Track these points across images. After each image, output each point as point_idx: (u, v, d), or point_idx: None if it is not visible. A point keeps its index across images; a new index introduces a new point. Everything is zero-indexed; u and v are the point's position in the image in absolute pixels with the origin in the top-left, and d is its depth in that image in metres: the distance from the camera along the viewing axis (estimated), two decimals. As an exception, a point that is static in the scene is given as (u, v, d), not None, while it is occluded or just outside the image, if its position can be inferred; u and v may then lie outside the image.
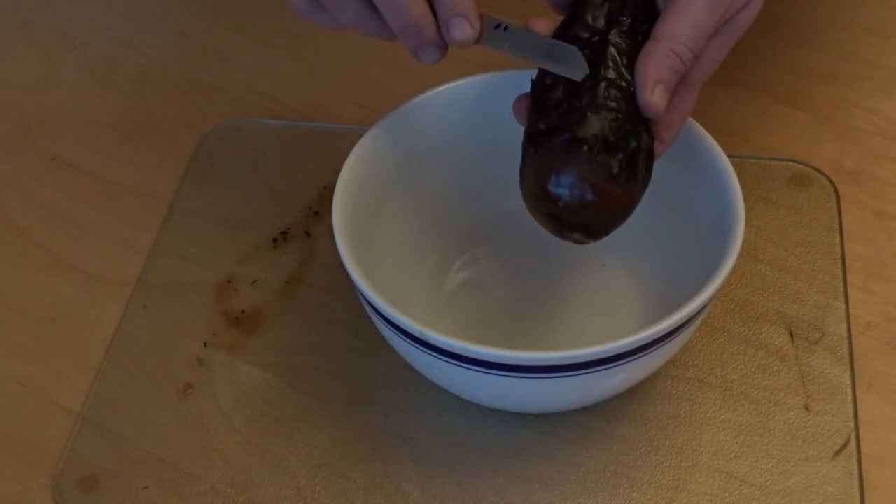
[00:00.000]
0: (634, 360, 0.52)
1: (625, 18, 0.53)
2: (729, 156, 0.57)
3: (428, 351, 0.53)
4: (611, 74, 0.51)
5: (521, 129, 0.54)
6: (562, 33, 0.53)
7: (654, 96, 0.51)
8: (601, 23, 0.53)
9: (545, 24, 0.54)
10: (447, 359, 0.52)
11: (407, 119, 0.61)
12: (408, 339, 0.53)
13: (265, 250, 0.68)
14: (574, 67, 0.52)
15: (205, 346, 0.63)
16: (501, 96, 0.59)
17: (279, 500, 0.57)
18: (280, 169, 0.72)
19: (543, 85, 0.53)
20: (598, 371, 0.52)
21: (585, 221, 0.52)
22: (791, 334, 0.62)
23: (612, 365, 0.52)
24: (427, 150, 0.62)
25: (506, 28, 0.53)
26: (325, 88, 0.77)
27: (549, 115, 0.52)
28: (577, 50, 0.52)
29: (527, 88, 0.55)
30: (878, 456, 0.57)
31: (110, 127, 0.76)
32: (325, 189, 0.70)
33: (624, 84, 0.51)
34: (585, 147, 0.50)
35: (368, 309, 0.56)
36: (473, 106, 0.62)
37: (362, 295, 0.54)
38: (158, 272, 0.67)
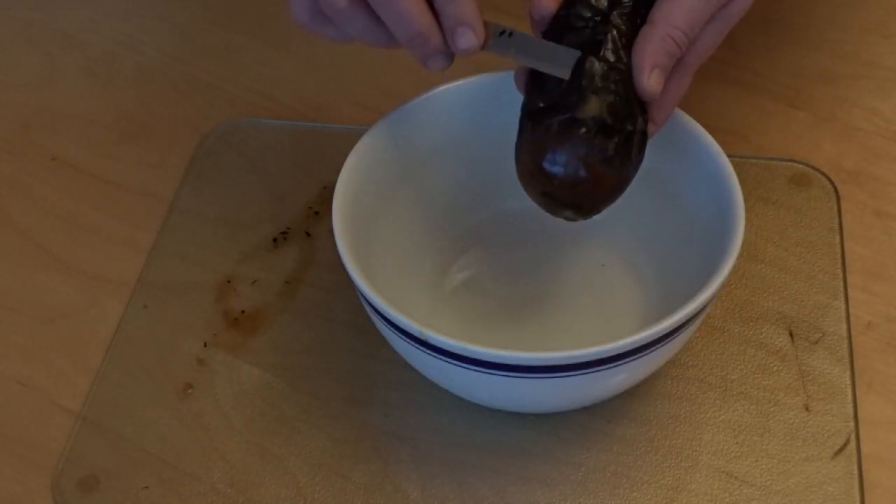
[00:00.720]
0: (634, 360, 0.52)
1: (626, 1, 0.53)
2: (729, 156, 0.57)
3: (428, 351, 0.53)
4: (610, 56, 0.52)
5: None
6: (565, 11, 0.54)
7: (650, 80, 0.52)
8: (604, 3, 0.53)
9: (551, 0, 0.54)
10: (447, 359, 0.52)
11: (407, 119, 0.61)
12: (408, 339, 0.53)
13: (265, 250, 0.68)
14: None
15: (205, 346, 0.63)
16: (502, 96, 0.59)
17: (279, 500, 0.57)
18: (280, 169, 0.72)
19: None
20: (598, 371, 0.52)
21: (578, 200, 0.53)
22: (791, 334, 0.62)
23: (612, 365, 0.52)
24: (427, 150, 0.62)
25: (510, 34, 0.54)
26: (325, 88, 0.77)
27: (549, 93, 0.52)
28: (579, 54, 0.52)
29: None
30: (878, 456, 0.57)
31: (110, 127, 0.76)
32: (325, 189, 0.70)
33: (622, 66, 0.52)
34: (584, 129, 0.51)
35: (368, 309, 0.56)
36: (474, 106, 0.62)
37: (362, 295, 0.54)
38: (158, 272, 0.67)
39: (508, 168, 0.55)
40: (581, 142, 0.51)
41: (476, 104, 0.62)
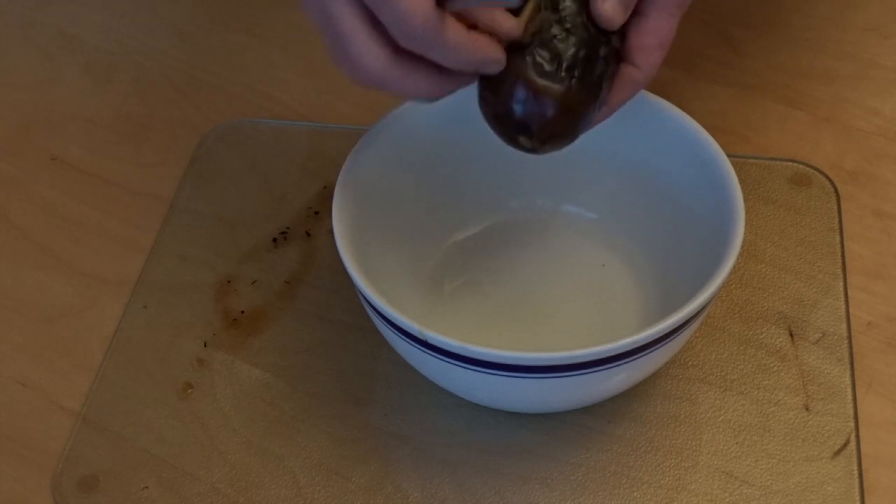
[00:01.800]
0: (634, 360, 0.52)
1: None
2: (729, 156, 0.57)
3: (428, 351, 0.53)
4: None
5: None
6: None
7: (606, 5, 0.51)
8: None
9: None
10: (447, 359, 0.52)
11: (407, 119, 0.61)
12: (408, 339, 0.53)
13: (265, 250, 0.68)
14: None
15: (205, 346, 0.63)
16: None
17: (279, 500, 0.57)
18: (280, 169, 0.72)
19: None
20: (598, 371, 0.52)
21: (525, 119, 0.52)
22: (791, 334, 0.62)
23: (612, 365, 0.52)
24: (427, 150, 0.62)
25: None
26: (325, 88, 0.77)
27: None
28: None
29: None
30: (878, 456, 0.57)
31: (110, 127, 0.76)
32: (325, 189, 0.70)
33: None
34: (526, 46, 0.51)
35: (368, 309, 0.56)
36: (475, 106, 0.62)
37: (362, 295, 0.54)
38: (158, 272, 0.67)
39: (509, 167, 0.55)
40: (520, 57, 0.51)
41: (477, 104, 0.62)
